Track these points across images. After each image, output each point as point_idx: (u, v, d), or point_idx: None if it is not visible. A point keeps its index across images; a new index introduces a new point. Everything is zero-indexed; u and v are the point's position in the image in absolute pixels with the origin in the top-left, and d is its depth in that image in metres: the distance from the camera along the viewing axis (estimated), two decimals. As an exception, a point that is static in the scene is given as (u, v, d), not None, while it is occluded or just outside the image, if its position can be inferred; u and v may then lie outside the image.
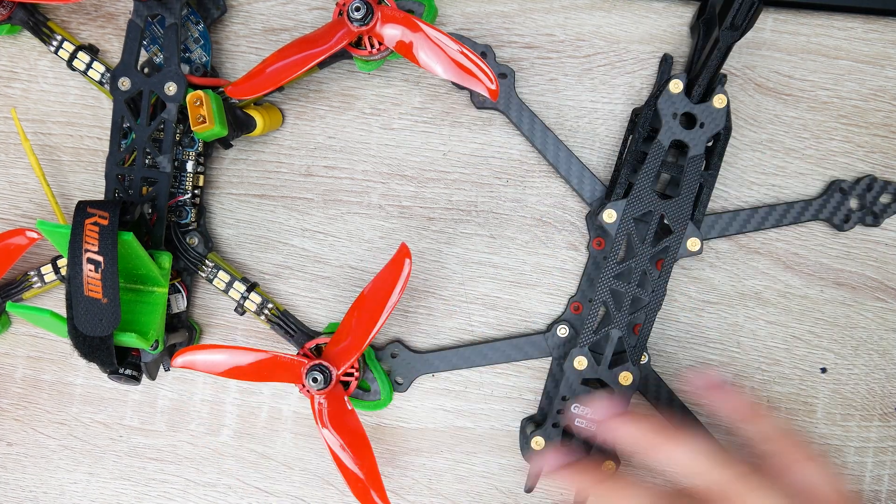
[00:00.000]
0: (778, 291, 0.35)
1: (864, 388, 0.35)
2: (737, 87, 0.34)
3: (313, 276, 0.36)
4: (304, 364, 0.32)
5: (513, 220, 0.35)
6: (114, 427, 0.38)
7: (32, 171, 0.37)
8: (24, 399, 0.38)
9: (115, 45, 0.36)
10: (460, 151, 0.35)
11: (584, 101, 0.35)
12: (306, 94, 0.36)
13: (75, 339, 0.30)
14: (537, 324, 0.36)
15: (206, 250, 0.35)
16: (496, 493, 0.36)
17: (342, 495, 0.37)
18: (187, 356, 0.32)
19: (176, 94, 0.33)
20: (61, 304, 0.37)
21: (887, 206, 0.34)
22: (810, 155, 0.34)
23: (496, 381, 0.36)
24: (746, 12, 0.30)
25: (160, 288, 0.33)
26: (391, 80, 0.35)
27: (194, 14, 0.34)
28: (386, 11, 0.31)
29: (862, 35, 0.34)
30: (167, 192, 0.33)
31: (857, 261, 0.35)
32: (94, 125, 0.37)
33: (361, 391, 0.35)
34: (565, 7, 0.34)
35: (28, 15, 0.34)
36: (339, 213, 0.36)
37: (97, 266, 0.29)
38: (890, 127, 0.34)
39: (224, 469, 0.37)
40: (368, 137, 0.36)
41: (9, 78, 0.37)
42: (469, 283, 0.36)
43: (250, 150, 0.36)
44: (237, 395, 0.37)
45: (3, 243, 0.35)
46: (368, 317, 0.32)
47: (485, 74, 0.31)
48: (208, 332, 0.37)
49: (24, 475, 0.38)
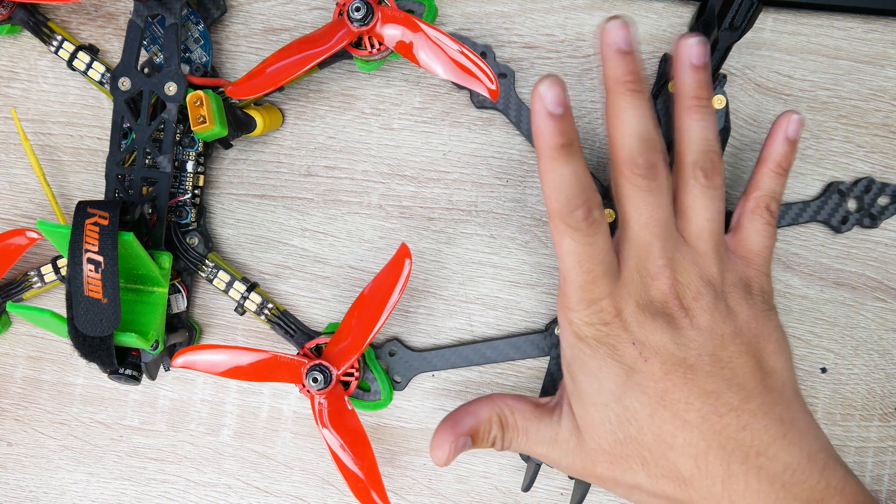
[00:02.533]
0: (778, 291, 0.35)
1: (864, 388, 0.35)
2: (737, 87, 0.34)
3: (313, 276, 0.36)
4: (304, 364, 0.32)
5: (513, 220, 0.35)
6: (114, 427, 0.38)
7: (32, 171, 0.37)
8: (24, 399, 0.38)
9: (115, 45, 0.36)
10: (460, 151, 0.35)
11: (584, 101, 0.35)
12: (306, 94, 0.36)
13: (75, 339, 0.30)
14: (537, 324, 0.36)
15: (206, 250, 0.35)
16: (496, 493, 0.36)
17: (342, 495, 0.37)
18: (187, 356, 0.32)
19: (176, 94, 0.33)
20: (61, 304, 0.37)
21: (885, 207, 0.34)
22: (810, 155, 0.34)
23: (496, 381, 0.36)
24: (746, 13, 0.30)
25: (160, 288, 0.33)
26: (391, 80, 0.35)
27: (194, 14, 0.34)
28: (386, 11, 0.31)
29: (862, 35, 0.34)
30: (167, 192, 0.33)
31: (857, 261, 0.35)
32: (94, 125, 0.37)
33: (361, 391, 0.35)
34: (565, 7, 0.34)
35: (28, 15, 0.34)
36: (339, 213, 0.36)
37: (97, 266, 0.29)
38: (890, 127, 0.34)
39: (224, 469, 0.37)
40: (368, 137, 0.36)
41: (9, 78, 0.37)
42: (469, 283, 0.36)
43: (250, 150, 0.36)
44: (237, 395, 0.37)
45: (3, 243, 0.35)
46: (368, 317, 0.32)
47: (485, 74, 0.31)
48: (208, 332, 0.37)
49: (24, 475, 0.38)
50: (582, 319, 0.28)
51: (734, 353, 0.28)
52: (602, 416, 0.28)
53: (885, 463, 0.35)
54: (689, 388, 0.27)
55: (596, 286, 0.28)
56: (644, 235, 0.28)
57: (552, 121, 0.27)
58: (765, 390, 0.28)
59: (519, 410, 0.31)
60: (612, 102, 0.28)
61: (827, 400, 0.35)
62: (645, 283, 0.28)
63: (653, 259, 0.28)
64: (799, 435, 0.28)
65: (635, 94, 0.28)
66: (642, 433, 0.28)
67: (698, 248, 0.29)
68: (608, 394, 0.28)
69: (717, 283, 0.29)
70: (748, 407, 0.27)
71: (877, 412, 0.35)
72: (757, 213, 0.30)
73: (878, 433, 0.35)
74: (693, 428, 0.27)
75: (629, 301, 0.28)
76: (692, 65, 0.29)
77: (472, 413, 0.31)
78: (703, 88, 0.29)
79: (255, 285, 0.35)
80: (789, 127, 0.30)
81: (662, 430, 0.28)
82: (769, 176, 0.31)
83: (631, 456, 0.28)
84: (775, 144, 0.31)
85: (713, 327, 0.28)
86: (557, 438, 0.30)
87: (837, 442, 0.35)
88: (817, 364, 0.35)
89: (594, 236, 0.28)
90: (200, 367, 0.33)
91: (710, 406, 0.27)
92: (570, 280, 0.28)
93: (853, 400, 0.35)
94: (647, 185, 0.28)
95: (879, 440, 0.35)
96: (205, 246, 0.35)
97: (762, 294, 0.30)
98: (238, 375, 0.32)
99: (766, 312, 0.30)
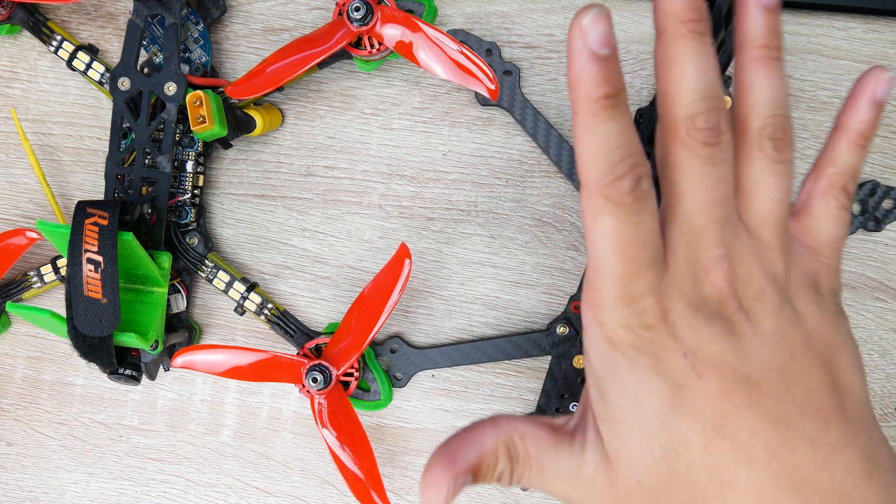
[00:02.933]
0: (778, 291, 0.35)
1: (864, 388, 0.35)
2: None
3: (313, 276, 0.36)
4: (304, 364, 0.32)
5: (513, 220, 0.35)
6: (114, 427, 0.38)
7: (32, 171, 0.37)
8: (24, 399, 0.38)
9: (115, 45, 0.36)
10: (460, 151, 0.35)
11: (583, 101, 0.35)
12: (306, 94, 0.36)
13: (75, 340, 0.30)
14: (537, 324, 0.36)
15: (205, 250, 0.35)
16: (496, 493, 0.36)
17: (342, 495, 0.37)
18: (187, 356, 0.32)
19: (176, 94, 0.33)
20: (61, 304, 0.37)
21: (889, 211, 0.34)
22: (810, 155, 0.34)
23: (496, 381, 0.36)
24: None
25: (160, 288, 0.33)
26: (391, 80, 0.35)
27: (194, 14, 0.34)
28: (386, 11, 0.31)
29: (862, 35, 0.34)
30: (167, 192, 0.33)
31: (857, 261, 0.35)
32: (94, 125, 0.37)
33: (361, 391, 0.35)
34: (565, 7, 0.34)
35: (28, 15, 0.34)
36: (339, 213, 0.36)
37: (97, 266, 0.29)
38: (890, 127, 0.34)
39: (224, 469, 0.37)
40: (368, 137, 0.36)
41: (9, 78, 0.37)
42: (469, 283, 0.36)
43: (250, 150, 0.36)
44: (237, 395, 0.37)
45: (3, 243, 0.35)
46: (368, 317, 0.32)
47: (484, 74, 0.31)
48: (208, 332, 0.37)
49: (24, 475, 0.38)
50: (617, 321, 0.22)
51: (806, 368, 0.22)
52: (642, 445, 0.22)
53: (886, 463, 0.35)
54: (754, 413, 0.21)
55: (639, 279, 0.22)
56: (699, 218, 0.22)
57: (597, 64, 0.20)
58: (843, 416, 0.22)
59: (531, 437, 0.25)
60: (668, 47, 0.22)
61: (827, 400, 0.35)
62: (697, 277, 0.22)
63: (707, 248, 0.22)
64: (885, 473, 0.22)
65: (698, 36, 0.22)
66: (693, 469, 0.22)
67: (762, 236, 0.23)
68: (651, 418, 0.22)
69: (783, 280, 0.23)
70: (827, 439, 0.22)
71: (876, 412, 0.35)
72: (831, 193, 0.25)
73: (879, 433, 0.35)
74: (759, 464, 0.21)
75: (678, 300, 0.22)
76: (762, 4, 0.23)
77: (473, 442, 0.25)
78: (775, 36, 0.23)
79: (255, 285, 0.35)
80: (878, 87, 0.24)
81: (720, 465, 0.22)
82: (848, 148, 0.25)
83: (678, 496, 0.22)
84: (859, 109, 0.24)
85: (780, 335, 0.22)
86: (581, 473, 0.24)
87: (837, 442, 0.35)
88: (817, 364, 0.35)
89: (641, 214, 0.21)
90: (200, 367, 0.32)
91: (781, 437, 0.21)
92: (606, 270, 0.22)
93: (853, 400, 0.35)
94: (708, 152, 0.22)
95: (879, 440, 0.35)
96: (204, 246, 0.35)
97: (832, 294, 0.25)
98: (238, 375, 0.32)
99: (837, 317, 0.24)
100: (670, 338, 0.22)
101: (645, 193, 0.21)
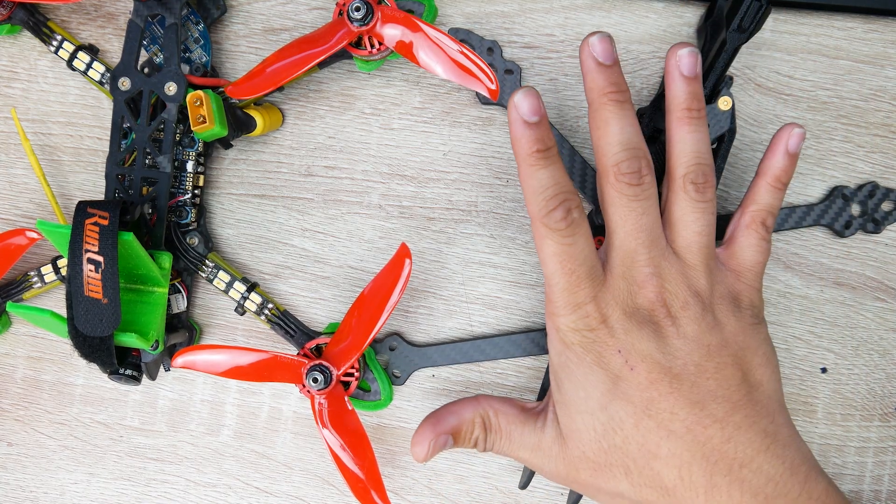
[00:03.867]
0: (778, 291, 0.35)
1: (865, 388, 0.35)
2: (737, 88, 0.34)
3: (313, 276, 0.36)
4: (305, 364, 0.32)
5: (513, 220, 0.35)
6: (114, 427, 0.38)
7: (32, 171, 0.37)
8: (24, 399, 0.38)
9: (115, 45, 0.36)
10: (460, 151, 0.35)
11: (584, 101, 0.35)
12: (306, 94, 0.36)
13: (75, 340, 0.30)
14: (537, 324, 0.36)
15: (206, 250, 0.35)
16: (496, 493, 0.36)
17: (342, 495, 0.37)
18: (187, 356, 0.32)
19: (176, 94, 0.33)
20: (61, 304, 0.37)
21: (889, 213, 0.34)
22: (810, 155, 0.34)
23: (496, 381, 0.36)
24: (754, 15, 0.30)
25: (160, 288, 0.33)
26: (391, 80, 0.35)
27: (194, 14, 0.34)
28: (386, 11, 0.31)
29: (862, 35, 0.34)
30: (167, 192, 0.33)
31: (857, 261, 0.35)
32: (94, 125, 0.37)
33: (362, 391, 0.35)
34: (565, 7, 0.34)
35: (28, 15, 0.34)
36: (339, 213, 0.36)
37: (97, 266, 0.29)
38: (890, 127, 0.34)
39: (224, 469, 0.37)
40: (368, 137, 0.36)
41: (9, 78, 0.37)
42: (469, 283, 0.36)
43: (250, 150, 0.36)
44: (237, 395, 0.37)
45: (3, 243, 0.35)
46: (368, 317, 0.32)
47: (485, 74, 0.31)
48: (208, 332, 0.37)
49: (24, 475, 0.38)
50: (568, 325, 0.28)
51: (720, 364, 0.28)
52: (587, 424, 0.28)
53: (886, 463, 0.35)
54: (674, 398, 0.27)
55: (580, 288, 0.28)
56: (630, 243, 0.28)
57: (529, 129, 0.27)
58: (749, 403, 0.28)
59: (503, 413, 0.31)
60: (596, 112, 0.28)
61: (827, 400, 0.35)
62: (632, 290, 0.28)
63: (639, 267, 0.28)
64: (782, 447, 0.28)
65: (618, 103, 0.28)
66: (627, 442, 0.28)
67: (687, 259, 0.29)
68: (594, 402, 0.28)
69: (706, 294, 0.29)
70: (733, 419, 0.27)
71: (877, 412, 0.35)
72: (752, 227, 0.30)
73: (879, 433, 0.35)
74: (678, 438, 0.27)
75: (615, 308, 0.28)
76: (683, 76, 0.29)
77: (455, 412, 0.31)
78: (695, 99, 0.29)
79: (255, 285, 0.35)
80: (790, 140, 0.30)
81: (647, 439, 0.28)
82: (767, 190, 0.30)
83: (615, 464, 0.28)
84: (775, 158, 0.30)
85: (699, 337, 0.28)
86: (541, 445, 0.30)
87: (837, 442, 0.35)
88: (817, 364, 0.35)
89: (574, 236, 0.28)
90: (200, 368, 0.32)
91: (695, 417, 0.27)
92: (554, 283, 0.28)
93: (853, 400, 0.35)
94: (632, 191, 0.28)
95: (879, 440, 0.35)
96: (205, 246, 0.35)
97: (751, 308, 0.30)
98: (238, 376, 0.32)
99: (754, 325, 0.29)
100: (609, 338, 0.28)
101: (576, 220, 0.28)
